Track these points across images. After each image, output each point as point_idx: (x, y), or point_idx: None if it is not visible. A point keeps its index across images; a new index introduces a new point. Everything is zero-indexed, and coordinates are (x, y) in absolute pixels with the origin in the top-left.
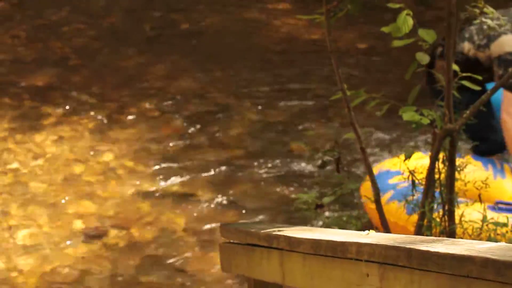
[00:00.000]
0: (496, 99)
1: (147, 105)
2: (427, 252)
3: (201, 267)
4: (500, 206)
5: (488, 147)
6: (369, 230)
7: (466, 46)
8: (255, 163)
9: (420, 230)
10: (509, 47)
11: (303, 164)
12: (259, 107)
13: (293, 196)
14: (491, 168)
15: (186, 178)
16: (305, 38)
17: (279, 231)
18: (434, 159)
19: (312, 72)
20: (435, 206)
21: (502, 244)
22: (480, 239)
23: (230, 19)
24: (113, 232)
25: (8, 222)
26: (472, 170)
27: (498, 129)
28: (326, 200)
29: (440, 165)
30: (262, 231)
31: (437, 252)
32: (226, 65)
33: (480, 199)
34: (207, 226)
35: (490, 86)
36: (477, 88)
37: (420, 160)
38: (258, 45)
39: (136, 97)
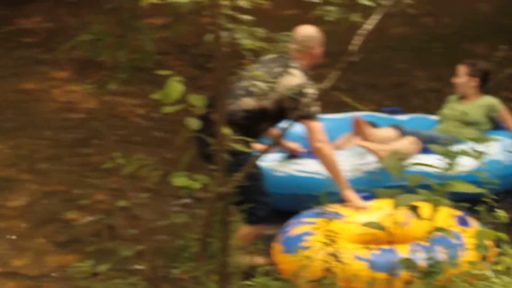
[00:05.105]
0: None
1: None
2: None
3: None
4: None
5: (265, 212)
6: None
7: (247, 101)
8: None
9: None
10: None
11: None
12: None
13: None
14: None
15: None
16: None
17: None
18: (208, 222)
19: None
20: None
21: None
22: None
23: (9, 89)
24: None
25: None
26: None
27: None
28: None
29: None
30: None
31: None
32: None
33: None
34: None
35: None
36: (249, 150)
37: None
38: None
39: None
